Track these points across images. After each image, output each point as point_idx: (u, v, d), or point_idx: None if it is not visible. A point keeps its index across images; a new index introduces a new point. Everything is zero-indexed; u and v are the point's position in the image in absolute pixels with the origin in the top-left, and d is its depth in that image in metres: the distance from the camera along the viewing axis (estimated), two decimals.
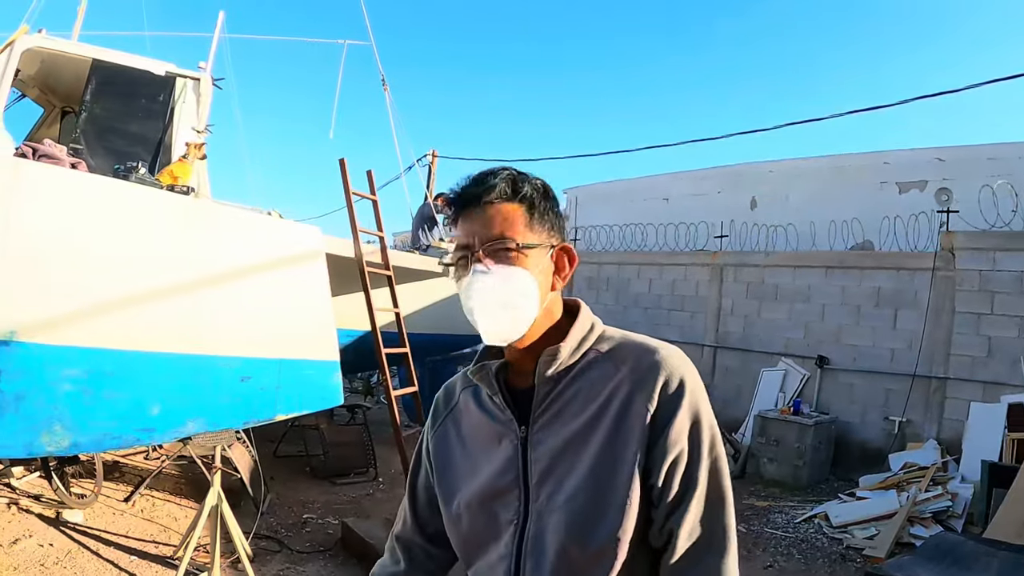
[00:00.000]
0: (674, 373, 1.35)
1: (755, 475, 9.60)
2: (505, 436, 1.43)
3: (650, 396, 1.32)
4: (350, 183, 6.77)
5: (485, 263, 1.35)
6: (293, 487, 7.87)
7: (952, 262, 9.17)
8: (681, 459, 1.31)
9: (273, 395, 5.58)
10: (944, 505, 7.32)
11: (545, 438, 1.38)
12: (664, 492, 1.31)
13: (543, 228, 1.41)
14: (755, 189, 13.15)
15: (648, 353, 1.38)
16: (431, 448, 1.60)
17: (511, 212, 1.38)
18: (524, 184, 1.40)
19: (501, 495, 1.41)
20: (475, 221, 1.38)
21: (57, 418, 4.56)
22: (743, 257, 11.87)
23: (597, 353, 1.41)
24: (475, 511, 1.44)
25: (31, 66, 6.54)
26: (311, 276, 5.85)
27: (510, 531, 1.39)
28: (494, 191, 1.38)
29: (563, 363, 1.39)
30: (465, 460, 1.51)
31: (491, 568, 1.41)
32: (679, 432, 1.31)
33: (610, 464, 1.31)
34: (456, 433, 1.55)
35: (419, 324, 8.27)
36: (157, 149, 6.26)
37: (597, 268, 13.99)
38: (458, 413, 1.57)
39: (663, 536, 1.33)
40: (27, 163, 4.74)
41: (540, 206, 1.41)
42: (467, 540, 1.48)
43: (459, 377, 1.62)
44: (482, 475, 1.45)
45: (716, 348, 11.94)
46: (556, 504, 1.33)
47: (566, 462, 1.35)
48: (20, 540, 5.50)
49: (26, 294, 4.46)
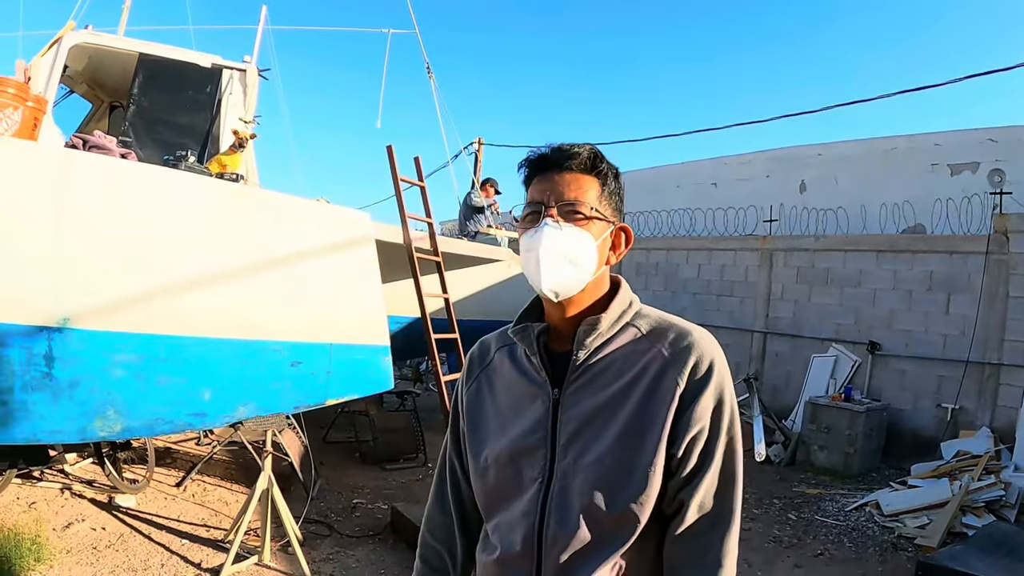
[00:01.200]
0: (704, 355, 1.42)
1: (805, 462, 9.48)
2: (538, 396, 1.50)
3: (681, 373, 1.40)
4: (398, 169, 6.79)
5: (557, 218, 1.44)
6: (343, 472, 7.94)
7: (1006, 245, 8.95)
8: (701, 435, 1.39)
9: (324, 380, 5.61)
10: (997, 494, 7.16)
11: (577, 402, 1.45)
12: (682, 463, 1.39)
13: (610, 205, 1.50)
14: (804, 173, 12.99)
15: (683, 334, 1.46)
16: (464, 401, 1.67)
17: (587, 182, 1.47)
18: (602, 162, 1.50)
19: (528, 453, 1.48)
20: (553, 182, 1.47)
21: (110, 403, 4.63)
22: (793, 241, 11.70)
23: (634, 328, 1.49)
24: (503, 465, 1.51)
25: (79, 62, 6.65)
26: (361, 261, 5.86)
27: (534, 488, 1.45)
28: (576, 159, 1.47)
29: (602, 334, 1.47)
30: (496, 416, 1.58)
31: (513, 524, 1.48)
32: (704, 409, 1.39)
33: (638, 433, 1.39)
34: (489, 389, 1.63)
35: (469, 310, 8.29)
36: (205, 139, 6.34)
37: (646, 254, 13.91)
38: (492, 370, 1.64)
39: (674, 505, 1.42)
40: (78, 153, 4.82)
41: (611, 185, 1.51)
42: (491, 494, 1.55)
43: (495, 335, 1.71)
44: (512, 431, 1.52)
45: (766, 334, 11.81)
46: (583, 465, 1.40)
47: (595, 427, 1.42)
48: (73, 524, 5.63)
49: (79, 282, 4.53)
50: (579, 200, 1.44)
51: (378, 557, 5.67)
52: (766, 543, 6.51)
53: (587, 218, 1.44)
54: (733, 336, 12.05)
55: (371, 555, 5.70)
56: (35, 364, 4.38)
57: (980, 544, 5.79)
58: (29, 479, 6.31)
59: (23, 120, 4.92)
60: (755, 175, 13.69)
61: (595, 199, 1.46)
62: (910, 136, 11.70)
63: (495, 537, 1.53)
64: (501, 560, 1.50)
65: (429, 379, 13.55)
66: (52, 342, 4.42)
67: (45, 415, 4.45)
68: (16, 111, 4.87)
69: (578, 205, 1.44)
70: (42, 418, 4.44)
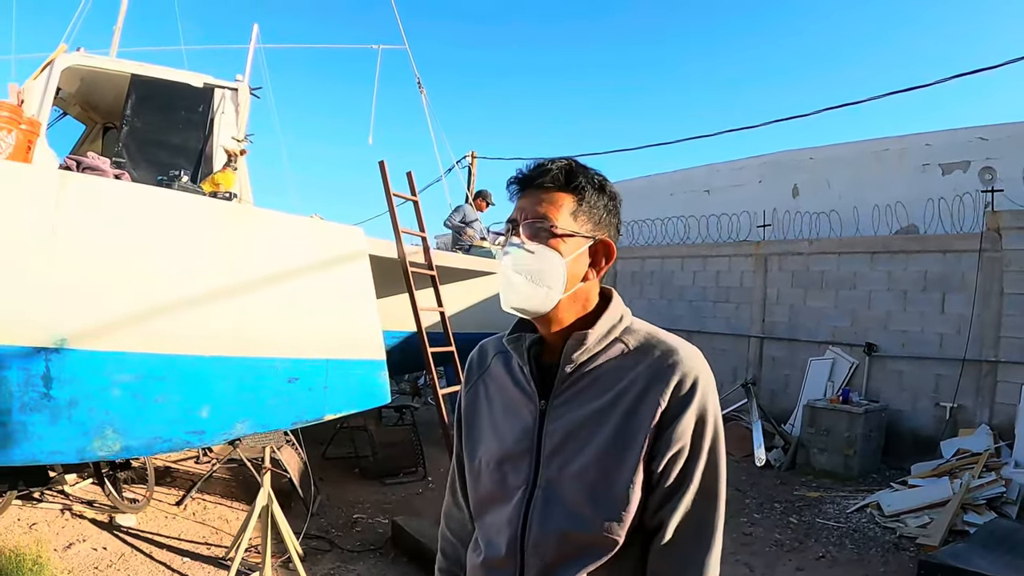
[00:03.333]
0: (689, 373, 1.41)
1: (805, 466, 9.49)
2: (526, 406, 1.53)
3: (664, 391, 1.39)
4: (391, 184, 6.82)
5: (522, 237, 1.46)
6: (343, 488, 7.94)
7: (999, 242, 9.01)
8: (682, 454, 1.39)
9: (321, 395, 5.62)
10: (998, 491, 7.18)
11: (562, 415, 1.47)
12: (661, 480, 1.40)
13: (588, 220, 1.50)
14: (796, 177, 13.01)
15: (669, 351, 1.45)
16: (463, 404, 1.72)
17: (559, 198, 1.47)
18: (579, 176, 1.49)
19: (514, 460, 1.51)
20: (526, 200, 1.50)
21: (108, 423, 4.64)
22: (787, 246, 11.77)
23: (622, 344, 1.49)
24: (492, 470, 1.55)
25: (71, 84, 6.67)
26: (356, 276, 5.89)
27: (518, 496, 1.48)
28: (548, 176, 1.48)
29: (589, 348, 1.47)
30: (490, 420, 1.61)
31: (499, 528, 1.51)
32: (685, 428, 1.39)
33: (620, 447, 1.39)
34: (486, 393, 1.65)
35: (465, 323, 8.29)
36: (199, 159, 6.35)
37: (640, 263, 13.97)
38: (489, 376, 1.67)
39: (654, 523, 1.42)
40: (72, 175, 4.84)
41: (591, 198, 1.50)
42: (481, 497, 1.59)
43: (493, 340, 1.73)
44: (501, 437, 1.55)
45: (763, 339, 11.85)
46: (565, 476, 1.43)
47: (579, 440, 1.43)
48: (74, 544, 5.63)
49: (75, 302, 4.55)
50: (548, 217, 1.45)
51: (379, 571, 5.68)
52: (767, 547, 6.51)
53: (556, 235, 1.45)
54: (730, 342, 12.09)
55: (372, 569, 5.70)
56: (33, 385, 4.38)
57: (982, 541, 5.81)
58: (29, 500, 6.30)
59: (17, 143, 4.93)
60: (748, 181, 13.72)
61: (567, 215, 1.47)
62: (901, 137, 11.71)
63: (482, 540, 1.57)
64: (486, 563, 1.53)
65: (427, 393, 13.53)
66: (50, 363, 4.43)
67: (44, 436, 4.46)
68: (10, 134, 4.89)
69: (546, 222, 1.45)
70: (41, 439, 4.45)
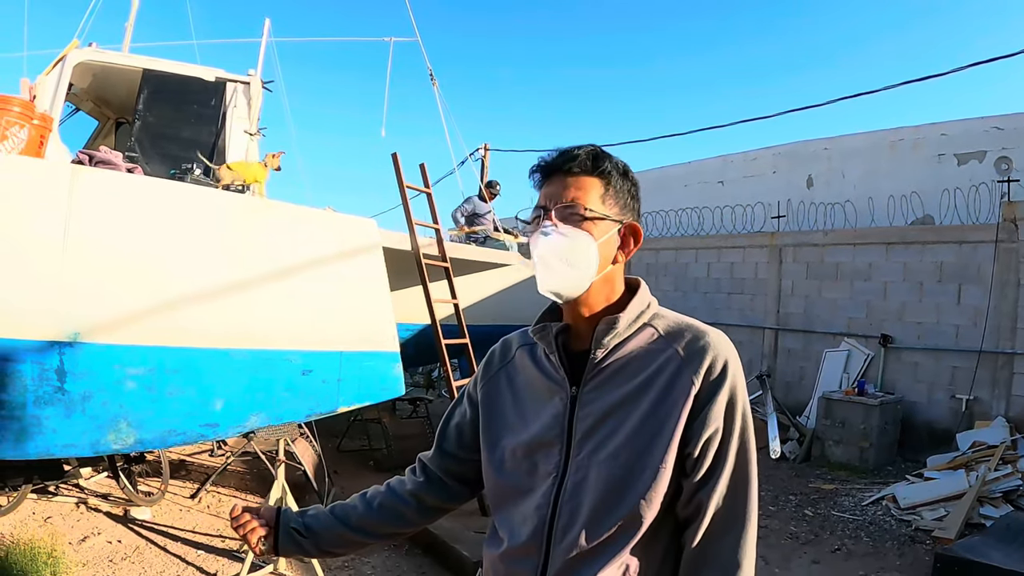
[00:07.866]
0: (719, 356, 1.43)
1: (821, 458, 9.44)
2: (556, 393, 1.52)
3: (696, 373, 1.41)
4: (404, 176, 6.81)
5: (554, 221, 1.47)
6: (357, 480, 7.92)
7: (1015, 233, 8.90)
8: (716, 436, 1.40)
9: (335, 388, 5.63)
10: (1014, 484, 7.11)
11: (593, 399, 1.47)
12: (698, 464, 1.40)
13: (616, 204, 1.52)
14: (810, 168, 12.93)
15: (700, 335, 1.46)
16: (481, 396, 1.70)
17: (587, 183, 1.49)
18: (605, 160, 1.51)
19: (544, 447, 1.50)
20: (554, 186, 1.51)
21: (122, 416, 4.67)
22: (802, 237, 11.65)
23: (652, 329, 1.50)
24: (519, 459, 1.54)
25: (84, 80, 6.69)
26: (369, 268, 5.88)
27: (548, 482, 1.47)
28: (575, 162, 1.49)
29: (620, 333, 1.48)
30: (515, 411, 1.60)
31: (525, 518, 1.50)
32: (718, 410, 1.40)
33: (652, 430, 1.40)
34: (508, 385, 1.65)
35: (479, 315, 8.28)
36: (211, 152, 6.36)
37: (655, 254, 13.87)
38: (513, 367, 1.67)
39: (691, 507, 1.42)
40: (84, 169, 4.85)
41: (616, 183, 1.52)
42: (504, 486, 1.57)
43: (517, 334, 1.74)
44: (530, 427, 1.54)
45: (777, 330, 11.76)
46: (596, 461, 1.42)
47: (610, 424, 1.44)
48: (89, 538, 5.65)
49: (88, 296, 4.57)
50: (577, 201, 1.46)
51: (393, 564, 5.68)
52: (783, 540, 6.49)
53: (587, 219, 1.46)
54: (745, 333, 12.01)
55: (386, 562, 5.70)
56: (47, 379, 4.41)
57: (998, 534, 5.76)
58: (44, 494, 6.34)
59: (30, 138, 4.96)
60: (762, 172, 13.65)
61: (597, 199, 1.48)
62: (916, 127, 11.61)
63: (503, 530, 1.55)
64: (507, 554, 1.51)
65: (441, 385, 13.56)
66: (64, 357, 4.46)
67: (58, 429, 4.49)
68: (23, 129, 4.92)
69: (577, 207, 1.46)
70: (55, 432, 4.48)
